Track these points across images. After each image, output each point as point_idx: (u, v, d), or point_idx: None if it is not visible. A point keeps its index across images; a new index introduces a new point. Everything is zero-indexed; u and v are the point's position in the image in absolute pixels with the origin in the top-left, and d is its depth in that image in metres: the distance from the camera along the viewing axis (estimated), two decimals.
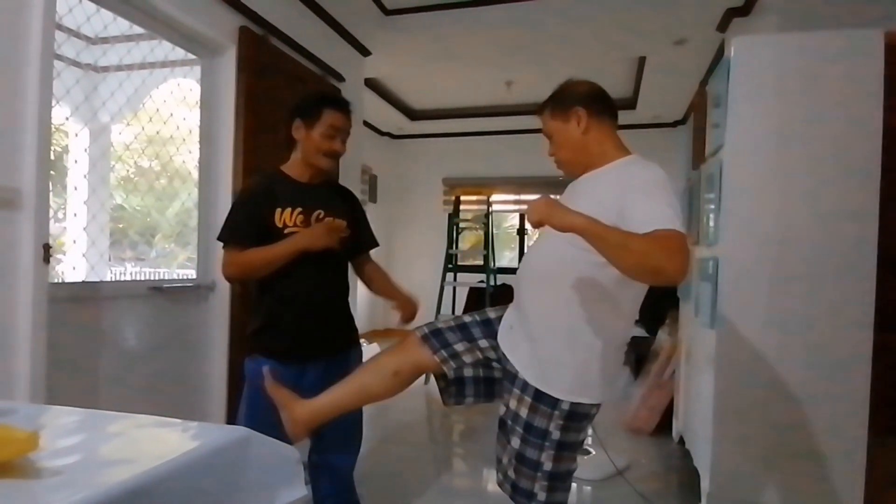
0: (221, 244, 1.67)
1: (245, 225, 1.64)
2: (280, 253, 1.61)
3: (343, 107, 1.72)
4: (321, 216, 1.70)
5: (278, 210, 1.65)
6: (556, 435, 1.33)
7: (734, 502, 2.10)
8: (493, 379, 1.50)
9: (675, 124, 6.37)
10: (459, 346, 1.47)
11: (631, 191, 1.23)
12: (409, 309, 1.84)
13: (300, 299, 1.67)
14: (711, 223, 2.29)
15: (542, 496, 1.35)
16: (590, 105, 1.42)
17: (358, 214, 1.88)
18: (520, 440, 1.36)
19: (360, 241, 1.86)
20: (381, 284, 1.90)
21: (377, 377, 1.50)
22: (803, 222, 2.04)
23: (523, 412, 1.35)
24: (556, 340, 1.33)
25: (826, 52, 2.05)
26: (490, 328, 1.49)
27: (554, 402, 1.31)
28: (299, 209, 1.67)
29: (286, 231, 1.65)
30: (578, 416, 1.34)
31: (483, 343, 1.48)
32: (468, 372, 1.49)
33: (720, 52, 4.00)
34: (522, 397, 1.35)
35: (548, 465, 1.34)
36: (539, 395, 1.33)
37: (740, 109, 2.11)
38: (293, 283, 1.65)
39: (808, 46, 2.08)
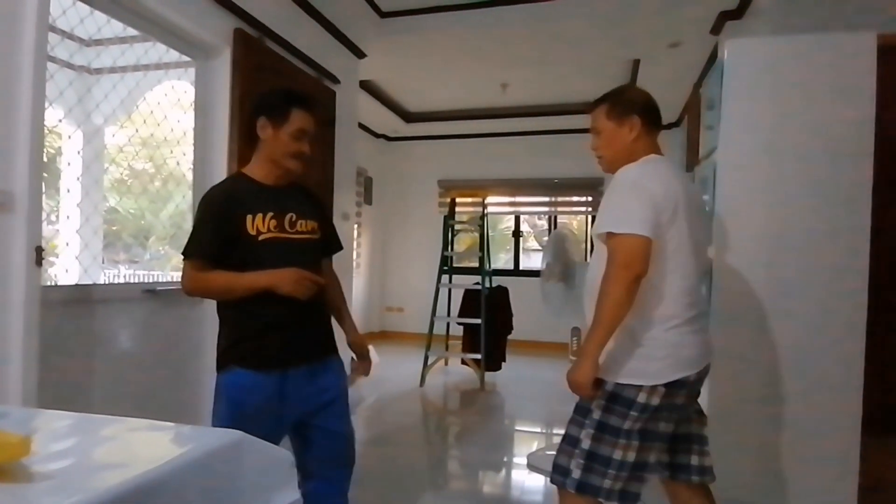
0: (183, 257, 1.57)
1: (212, 238, 1.54)
2: (242, 286, 1.52)
3: (311, 107, 1.66)
4: (293, 219, 1.61)
5: (249, 217, 1.55)
6: (597, 414, 1.43)
7: (729, 502, 2.10)
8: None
9: (669, 126, 6.39)
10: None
11: (606, 193, 1.51)
12: (364, 367, 1.92)
13: (279, 304, 1.54)
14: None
15: (576, 474, 1.41)
16: (645, 116, 1.56)
17: (326, 215, 1.81)
18: (569, 421, 1.52)
19: (326, 243, 1.76)
20: (333, 301, 1.79)
21: None
22: (797, 224, 2.05)
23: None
24: None
25: (819, 54, 2.06)
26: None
27: (598, 382, 1.43)
28: (271, 213, 1.57)
29: (261, 238, 1.55)
30: (623, 400, 1.41)
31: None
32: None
33: (714, 55, 4.02)
34: None
35: (586, 443, 1.42)
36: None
37: (734, 112, 2.12)
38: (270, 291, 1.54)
39: (802, 49, 2.09)
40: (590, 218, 6.77)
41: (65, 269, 2.55)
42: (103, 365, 2.28)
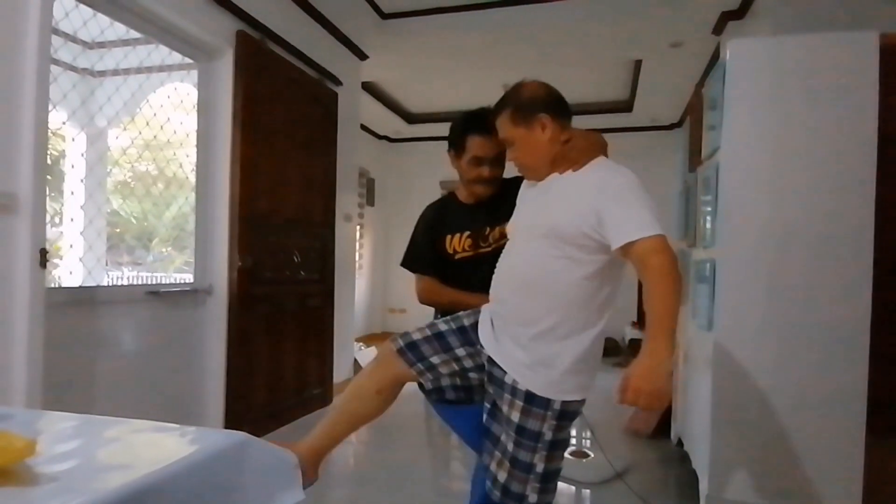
0: (412, 269, 1.79)
1: (426, 253, 1.76)
2: (465, 305, 1.62)
3: (487, 128, 1.60)
4: (487, 232, 1.72)
5: (448, 237, 1.73)
6: (549, 436, 1.34)
7: (733, 503, 2.10)
8: (471, 387, 1.52)
9: (671, 127, 6.39)
10: (436, 359, 1.47)
11: (606, 198, 1.28)
12: None
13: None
14: (708, 226, 2.30)
15: (533, 498, 1.35)
16: (552, 110, 1.42)
17: None
18: (513, 444, 1.36)
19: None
20: None
21: (362, 401, 1.51)
22: (800, 224, 2.05)
23: (515, 416, 1.35)
24: (547, 344, 1.34)
25: (821, 54, 2.06)
26: (466, 336, 1.48)
27: (546, 403, 1.33)
28: (467, 233, 1.72)
29: (457, 257, 1.72)
30: (569, 415, 1.37)
31: (460, 352, 1.48)
32: (445, 381, 1.52)
33: (716, 55, 4.02)
34: (514, 401, 1.35)
35: (540, 467, 1.35)
36: (531, 398, 1.34)
37: (736, 112, 2.12)
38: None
39: (804, 49, 2.09)
40: None
41: (69, 272, 2.56)
42: (107, 366, 2.29)
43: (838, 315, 2.00)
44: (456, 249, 1.73)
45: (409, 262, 1.80)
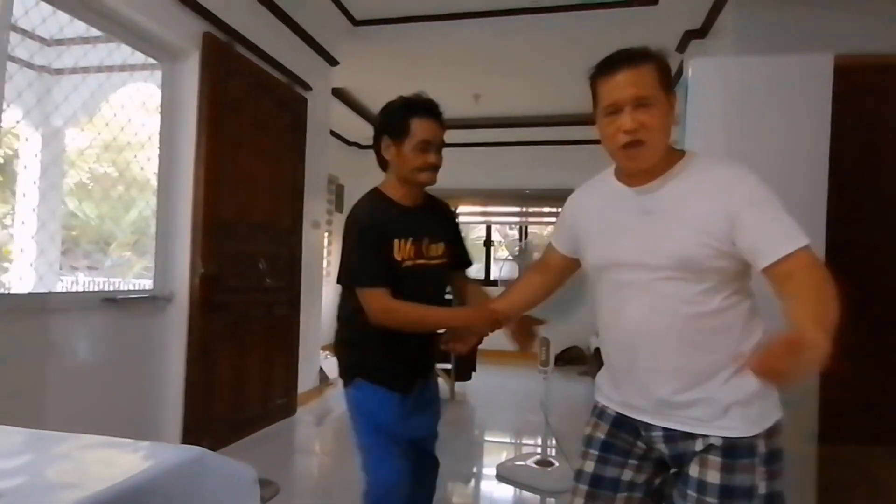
0: (358, 287, 1.50)
1: (379, 265, 1.49)
2: (436, 323, 1.55)
3: (432, 113, 1.53)
4: (427, 244, 1.58)
5: (396, 241, 1.52)
6: (762, 488, 1.07)
7: None
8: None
9: None
10: None
11: (739, 207, 1.04)
12: (524, 332, 1.62)
13: (415, 333, 1.56)
14: None
15: None
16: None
17: (457, 232, 1.75)
18: None
19: (457, 260, 1.71)
20: (477, 301, 1.71)
21: None
22: None
23: (714, 478, 1.06)
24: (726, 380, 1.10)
25: (778, 74, 2.14)
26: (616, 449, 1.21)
27: (753, 448, 1.07)
28: (410, 239, 1.54)
29: (404, 265, 1.52)
30: (780, 454, 1.11)
31: (627, 475, 1.20)
32: None
33: (679, 73, 4.14)
34: (706, 459, 1.08)
35: None
36: (731, 447, 1.07)
37: (696, 128, 2.18)
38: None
39: (762, 68, 2.17)
40: None
41: (19, 277, 2.45)
42: (58, 377, 2.19)
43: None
44: (403, 256, 1.51)
45: (363, 276, 1.49)
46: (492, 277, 6.89)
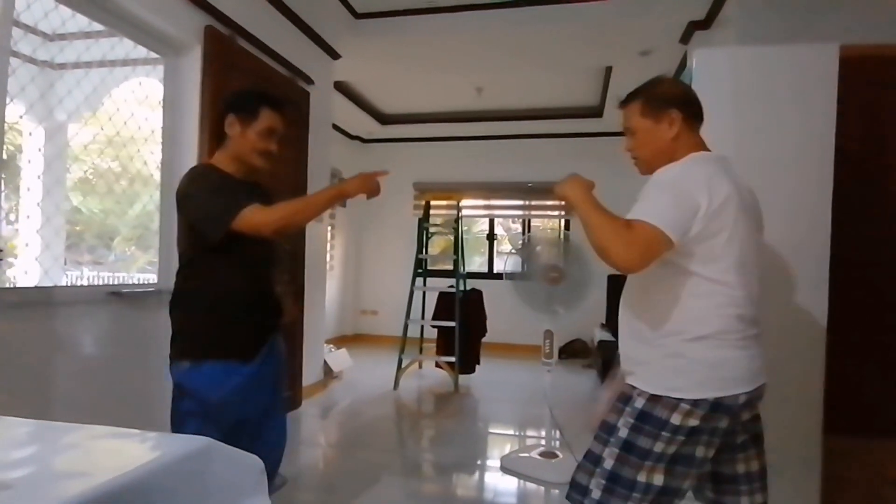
0: (231, 217, 1.49)
1: (233, 195, 1.52)
2: (326, 200, 1.61)
3: (281, 107, 1.68)
4: None
5: None
6: (623, 433, 1.34)
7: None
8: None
9: None
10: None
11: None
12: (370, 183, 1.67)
13: (249, 292, 1.64)
14: None
15: (596, 494, 1.33)
16: (685, 109, 1.42)
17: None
18: (593, 438, 1.51)
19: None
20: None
21: None
22: None
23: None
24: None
25: (783, 64, 2.12)
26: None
27: (626, 398, 1.42)
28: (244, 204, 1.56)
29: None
30: (654, 420, 1.31)
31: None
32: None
33: (683, 64, 4.12)
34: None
35: (609, 463, 1.34)
36: (624, 394, 1.46)
37: None
38: (238, 277, 1.62)
39: (767, 59, 2.15)
40: (562, 222, 6.84)
41: (24, 271, 2.46)
42: (65, 370, 2.21)
43: (796, 323, 2.06)
44: None
45: (225, 209, 1.48)
46: (495, 271, 6.89)
